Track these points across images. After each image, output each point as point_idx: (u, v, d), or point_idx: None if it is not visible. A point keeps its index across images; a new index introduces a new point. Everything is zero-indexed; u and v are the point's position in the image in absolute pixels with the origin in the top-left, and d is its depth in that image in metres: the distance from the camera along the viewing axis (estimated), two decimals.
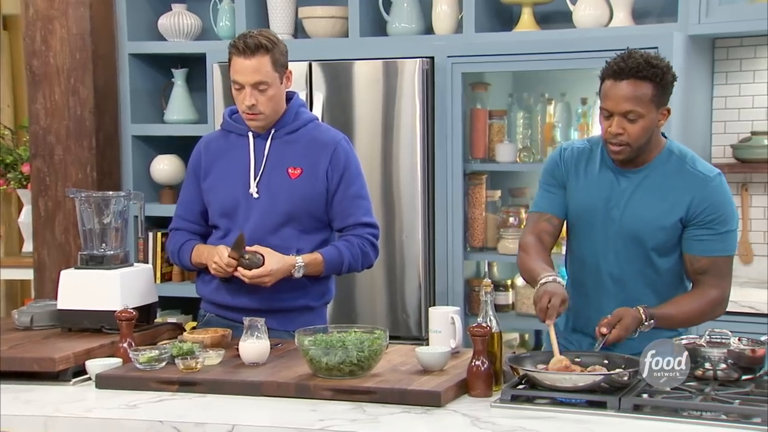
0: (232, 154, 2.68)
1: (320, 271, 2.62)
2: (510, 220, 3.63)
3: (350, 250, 2.64)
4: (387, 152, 3.56)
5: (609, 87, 2.28)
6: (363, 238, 2.66)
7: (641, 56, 2.27)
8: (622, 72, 2.25)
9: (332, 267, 2.64)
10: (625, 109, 2.26)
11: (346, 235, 2.67)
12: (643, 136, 2.28)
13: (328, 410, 2.08)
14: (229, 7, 4.04)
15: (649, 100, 2.25)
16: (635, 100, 2.25)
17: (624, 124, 2.27)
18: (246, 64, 2.55)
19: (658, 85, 2.26)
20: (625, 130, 2.27)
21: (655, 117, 2.28)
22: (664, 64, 2.28)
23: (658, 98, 2.27)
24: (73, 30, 3.95)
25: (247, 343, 2.36)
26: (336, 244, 2.66)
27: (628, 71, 2.25)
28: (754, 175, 3.61)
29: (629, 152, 2.30)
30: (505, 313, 3.63)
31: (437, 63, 3.53)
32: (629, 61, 2.26)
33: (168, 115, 4.16)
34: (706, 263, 2.34)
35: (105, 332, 2.55)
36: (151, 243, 4.06)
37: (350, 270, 2.68)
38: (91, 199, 2.68)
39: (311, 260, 2.60)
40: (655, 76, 2.25)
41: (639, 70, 2.24)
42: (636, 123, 2.26)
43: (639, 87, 2.25)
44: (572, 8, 3.57)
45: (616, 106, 2.26)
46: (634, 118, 2.26)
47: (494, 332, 2.20)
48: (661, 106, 2.29)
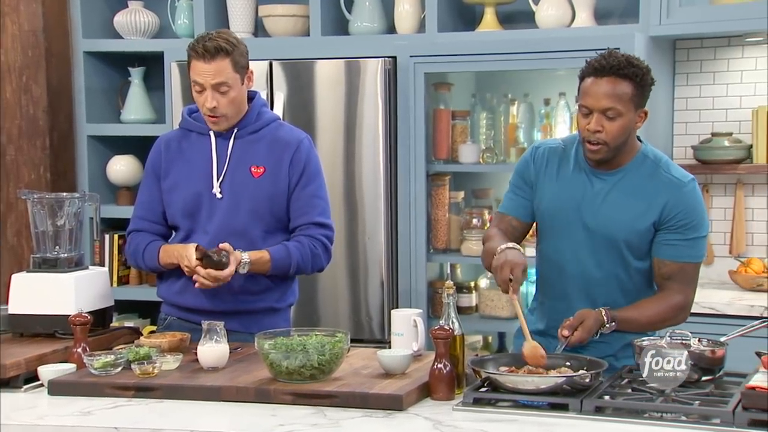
0: (193, 154, 2.65)
1: (267, 269, 2.59)
2: (473, 221, 3.62)
3: (300, 251, 2.61)
4: (349, 153, 3.53)
5: (589, 84, 2.28)
6: (315, 239, 2.63)
7: (622, 55, 2.28)
8: (603, 69, 2.26)
9: (280, 266, 2.60)
10: (605, 106, 2.26)
11: (298, 235, 2.64)
12: (620, 135, 2.28)
13: (289, 415, 2.06)
14: (188, 5, 3.98)
15: (628, 99, 2.26)
16: (615, 98, 2.25)
17: (603, 122, 2.27)
18: (206, 68, 2.53)
19: (637, 84, 2.27)
20: (603, 128, 2.27)
21: (633, 117, 2.29)
22: (644, 66, 2.30)
23: (637, 98, 2.28)
24: (25, 26, 3.88)
25: (205, 347, 2.32)
26: (285, 244, 2.63)
27: (609, 68, 2.26)
28: (715, 176, 3.64)
29: (606, 152, 2.30)
30: (468, 315, 3.63)
31: (400, 63, 3.51)
32: (610, 59, 2.27)
33: (125, 115, 4.10)
34: (674, 268, 2.34)
35: (58, 337, 2.52)
36: (108, 245, 4.01)
37: (299, 271, 2.64)
38: (44, 201, 2.64)
39: (258, 258, 2.57)
40: (635, 76, 2.26)
41: (620, 68, 2.25)
42: (615, 121, 2.27)
43: (619, 85, 2.25)
44: (535, 8, 3.57)
45: (596, 102, 2.27)
46: (613, 116, 2.26)
47: (456, 335, 2.19)
48: (639, 108, 2.30)
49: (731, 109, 3.63)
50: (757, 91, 3.59)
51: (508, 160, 3.61)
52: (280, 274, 2.63)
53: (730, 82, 3.62)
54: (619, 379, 2.19)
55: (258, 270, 2.58)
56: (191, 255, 2.51)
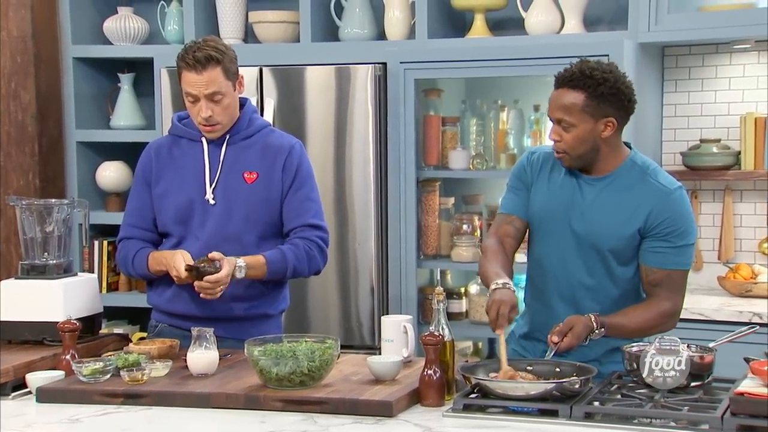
0: (185, 160, 2.65)
1: (263, 273, 2.58)
2: (463, 227, 3.62)
3: (295, 254, 2.60)
4: (339, 159, 3.53)
5: (551, 94, 2.32)
6: (310, 240, 2.62)
7: (583, 65, 2.28)
8: (558, 80, 2.31)
9: (276, 270, 2.59)
10: (556, 117, 2.30)
11: (293, 238, 2.63)
12: (578, 144, 2.30)
13: (279, 422, 2.06)
14: (177, 11, 3.98)
15: (579, 110, 2.27)
16: (564, 109, 2.28)
17: (559, 132, 2.31)
18: (198, 79, 2.53)
19: (590, 95, 2.26)
20: (561, 137, 2.31)
21: (590, 127, 2.28)
22: (601, 76, 2.26)
23: (592, 109, 2.27)
24: (14, 32, 3.87)
25: (195, 353, 2.31)
26: (281, 247, 2.61)
27: (562, 80, 2.30)
28: (704, 182, 3.66)
29: (569, 160, 2.33)
30: (458, 321, 3.63)
31: (390, 69, 3.52)
32: (569, 70, 2.30)
33: (114, 121, 4.09)
34: (661, 275, 2.34)
35: (47, 344, 2.50)
36: (97, 252, 4.00)
37: (296, 274, 2.63)
38: (33, 207, 2.63)
39: (254, 262, 2.56)
40: (587, 86, 2.26)
41: (571, 80, 2.27)
42: (569, 131, 2.29)
43: (569, 96, 2.28)
44: (524, 15, 3.58)
45: (551, 112, 2.32)
46: (566, 126, 2.30)
47: (446, 341, 2.19)
48: (599, 117, 2.28)
49: (719, 116, 3.65)
50: (745, 98, 3.61)
51: (498, 166, 3.62)
52: (277, 278, 2.62)
53: (719, 88, 3.64)
54: (609, 385, 2.20)
55: (255, 275, 2.57)
56: (180, 265, 2.50)
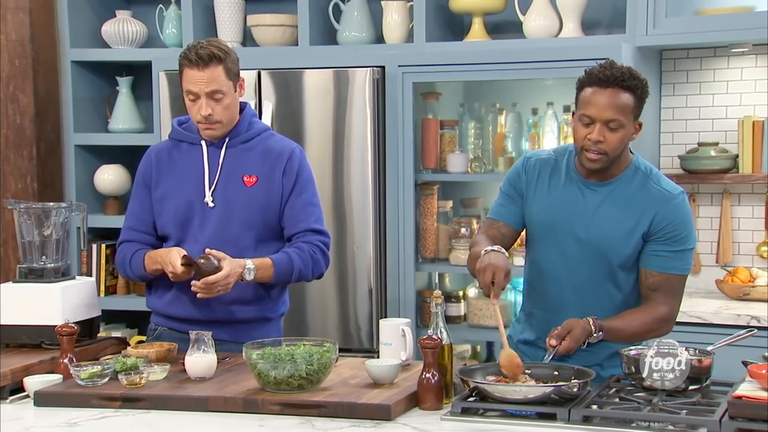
0: (184, 163, 2.65)
1: (270, 275, 2.58)
2: (462, 230, 3.62)
3: (300, 257, 2.60)
4: (338, 162, 3.53)
5: (591, 94, 2.29)
6: (313, 245, 2.63)
7: (624, 67, 2.30)
8: (607, 80, 2.27)
9: (282, 273, 2.59)
10: (609, 117, 2.27)
11: (296, 241, 2.63)
12: (620, 146, 2.31)
13: (277, 425, 2.05)
14: (176, 14, 3.98)
15: (630, 111, 2.29)
16: (619, 109, 2.27)
17: (605, 133, 2.29)
18: (200, 75, 2.53)
19: (637, 97, 2.29)
20: (605, 138, 2.29)
21: (632, 129, 2.31)
22: (643, 78, 2.32)
23: (637, 110, 2.31)
24: (12, 36, 3.87)
25: (193, 357, 2.31)
26: (286, 251, 2.62)
27: (613, 80, 2.27)
28: (701, 186, 3.66)
29: (605, 161, 2.32)
30: (456, 324, 3.63)
31: (388, 72, 3.52)
32: (614, 70, 2.28)
33: (113, 124, 4.09)
34: (660, 279, 2.34)
35: (45, 348, 2.50)
36: (95, 255, 3.99)
37: (300, 277, 2.63)
38: (31, 211, 2.63)
39: (261, 264, 2.56)
40: (636, 88, 2.29)
41: (624, 80, 2.27)
42: (616, 132, 2.29)
43: (622, 96, 2.27)
44: (522, 19, 3.59)
45: (600, 113, 2.28)
46: (615, 127, 2.28)
47: (445, 344, 2.19)
48: (636, 120, 2.32)
49: (717, 119, 3.65)
50: (743, 101, 3.61)
51: (497, 169, 3.62)
52: (283, 281, 2.62)
53: (717, 92, 3.64)
54: (607, 388, 2.20)
55: (262, 277, 2.57)
56: (175, 260, 2.50)
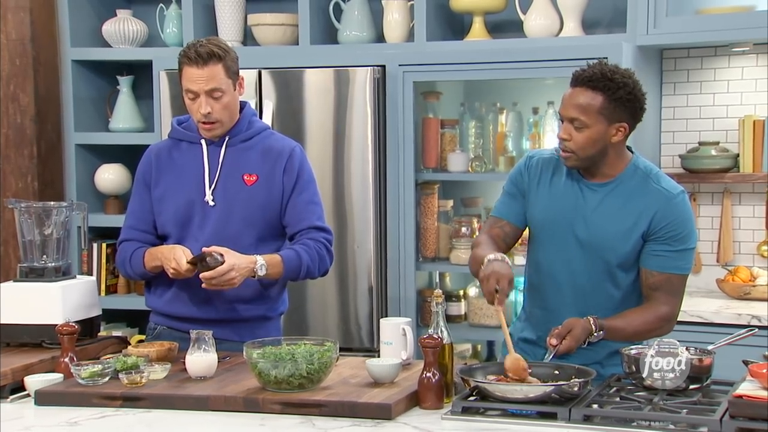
0: (184, 162, 2.65)
1: (280, 272, 2.58)
2: (462, 230, 3.62)
3: (308, 253, 2.61)
4: (338, 161, 3.53)
5: (565, 92, 2.31)
6: (318, 242, 2.64)
7: (605, 67, 2.28)
8: (576, 79, 2.29)
9: (291, 269, 2.60)
10: (571, 116, 2.29)
11: (301, 239, 2.64)
12: (587, 146, 2.29)
13: (277, 424, 2.05)
14: (176, 14, 3.98)
15: (596, 111, 2.26)
16: (580, 108, 2.27)
17: (570, 131, 2.30)
18: (199, 73, 2.53)
19: (609, 98, 2.26)
20: (571, 136, 2.30)
21: (603, 130, 2.28)
22: (621, 80, 2.26)
23: (609, 112, 2.27)
24: (13, 35, 3.87)
25: (194, 356, 2.31)
26: (293, 247, 2.62)
27: (582, 80, 2.28)
28: (702, 185, 3.66)
29: (575, 160, 2.32)
30: (457, 323, 3.63)
31: (389, 71, 3.52)
32: (589, 70, 2.28)
33: (113, 124, 4.09)
34: (660, 279, 2.34)
35: (45, 347, 2.50)
36: (96, 254, 3.99)
37: (308, 274, 2.63)
38: (32, 210, 2.63)
39: (271, 260, 2.57)
40: (607, 89, 2.26)
41: (591, 80, 2.26)
42: (581, 132, 2.28)
43: (587, 96, 2.27)
44: (523, 18, 3.59)
45: (564, 111, 2.30)
46: (579, 126, 2.28)
47: (445, 344, 2.19)
48: (613, 121, 2.28)
49: (718, 119, 3.65)
50: (744, 101, 3.61)
51: (497, 168, 3.62)
52: (291, 278, 2.63)
53: (717, 91, 3.64)
54: (608, 387, 2.20)
55: (272, 273, 2.57)
56: (181, 258, 2.50)
